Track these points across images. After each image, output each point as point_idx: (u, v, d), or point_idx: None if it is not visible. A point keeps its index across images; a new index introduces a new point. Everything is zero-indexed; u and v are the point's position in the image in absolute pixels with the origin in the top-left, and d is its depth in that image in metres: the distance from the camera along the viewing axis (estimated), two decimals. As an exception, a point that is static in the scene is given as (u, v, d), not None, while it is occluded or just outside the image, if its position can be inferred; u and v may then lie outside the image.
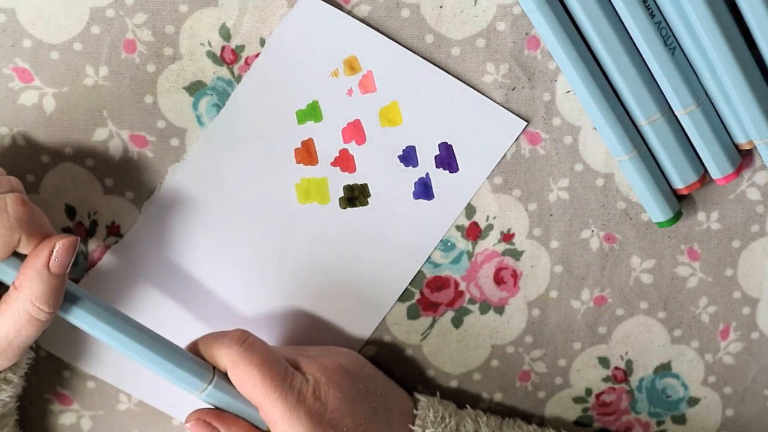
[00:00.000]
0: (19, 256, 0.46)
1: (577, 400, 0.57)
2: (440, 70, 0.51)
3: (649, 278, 0.55)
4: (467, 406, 0.55)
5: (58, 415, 0.57)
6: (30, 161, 0.52)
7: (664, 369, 0.57)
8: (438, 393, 0.56)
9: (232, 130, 0.52)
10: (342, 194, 0.53)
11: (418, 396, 0.53)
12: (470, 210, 0.53)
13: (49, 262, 0.45)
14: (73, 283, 0.48)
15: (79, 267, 0.53)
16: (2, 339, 0.45)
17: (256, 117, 0.51)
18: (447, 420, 0.52)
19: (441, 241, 0.53)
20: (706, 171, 0.52)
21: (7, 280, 0.46)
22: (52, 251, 0.45)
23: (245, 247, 0.53)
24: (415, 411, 0.52)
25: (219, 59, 0.51)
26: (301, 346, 0.54)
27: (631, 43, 0.49)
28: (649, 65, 0.49)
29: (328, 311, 0.55)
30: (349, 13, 0.50)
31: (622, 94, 0.50)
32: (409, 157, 0.52)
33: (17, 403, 0.53)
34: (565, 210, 0.53)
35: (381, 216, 0.53)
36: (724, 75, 0.48)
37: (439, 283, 0.54)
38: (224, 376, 0.48)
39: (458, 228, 0.53)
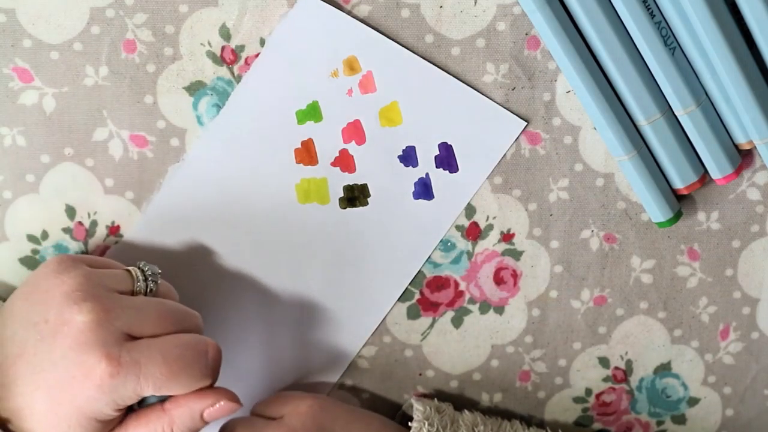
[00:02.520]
0: None
1: (577, 400, 0.57)
2: (440, 70, 0.51)
3: (649, 278, 0.55)
4: (465, 410, 0.54)
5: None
6: (30, 161, 0.52)
7: (664, 369, 0.57)
8: (438, 393, 0.56)
9: (232, 130, 0.52)
10: (342, 194, 0.53)
11: (414, 402, 0.53)
12: (470, 210, 0.53)
13: (206, 411, 0.46)
14: None
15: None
16: None
17: (256, 117, 0.51)
18: None
19: (441, 241, 0.54)
20: (706, 171, 0.52)
21: (152, 402, 0.47)
22: (215, 404, 0.46)
23: (245, 247, 0.53)
24: (410, 423, 0.52)
25: (219, 59, 0.51)
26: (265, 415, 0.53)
27: (631, 43, 0.49)
28: (649, 65, 0.49)
29: (327, 311, 0.55)
30: (349, 13, 0.50)
31: (622, 94, 0.50)
32: (409, 157, 0.52)
33: None
34: (565, 210, 0.53)
35: (381, 216, 0.53)
36: (724, 75, 0.48)
37: (439, 283, 0.54)
38: None
39: (458, 228, 0.53)
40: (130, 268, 0.48)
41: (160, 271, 0.49)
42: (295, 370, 0.56)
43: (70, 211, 0.53)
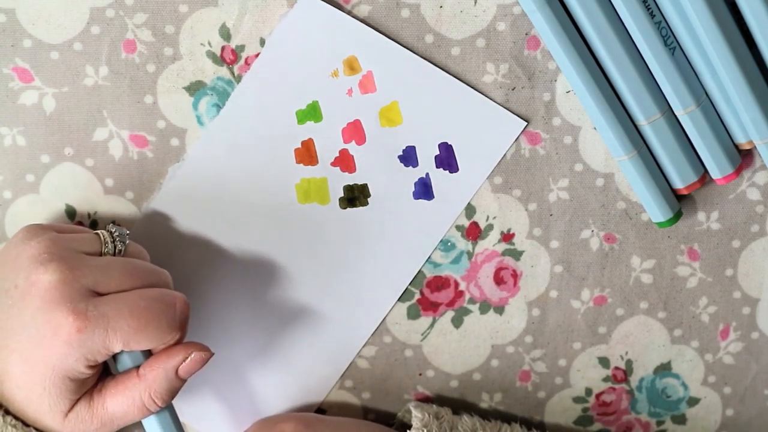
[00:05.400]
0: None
1: (577, 400, 0.57)
2: (440, 70, 0.51)
3: (649, 278, 0.55)
4: (464, 415, 0.54)
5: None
6: (30, 161, 0.52)
7: (664, 369, 0.57)
8: (438, 393, 0.56)
9: (232, 130, 0.52)
10: (342, 194, 0.53)
11: (413, 409, 0.53)
12: (470, 210, 0.53)
13: (179, 367, 0.46)
14: None
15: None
16: (110, 415, 0.46)
17: (256, 117, 0.51)
18: None
19: (441, 241, 0.54)
20: (706, 171, 0.52)
21: (128, 366, 0.47)
22: (186, 358, 0.46)
23: (245, 247, 0.53)
24: None
25: (219, 59, 0.51)
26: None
27: (631, 43, 0.49)
28: (649, 65, 0.49)
29: (327, 311, 0.55)
30: (349, 13, 0.50)
31: (622, 94, 0.50)
32: (409, 157, 0.52)
33: None
34: (565, 210, 0.53)
35: (381, 216, 0.53)
36: (724, 75, 0.48)
37: (439, 283, 0.54)
38: None
39: (458, 228, 0.53)
40: (98, 231, 0.48)
41: (128, 232, 0.49)
42: (295, 371, 0.56)
43: (70, 211, 0.53)
